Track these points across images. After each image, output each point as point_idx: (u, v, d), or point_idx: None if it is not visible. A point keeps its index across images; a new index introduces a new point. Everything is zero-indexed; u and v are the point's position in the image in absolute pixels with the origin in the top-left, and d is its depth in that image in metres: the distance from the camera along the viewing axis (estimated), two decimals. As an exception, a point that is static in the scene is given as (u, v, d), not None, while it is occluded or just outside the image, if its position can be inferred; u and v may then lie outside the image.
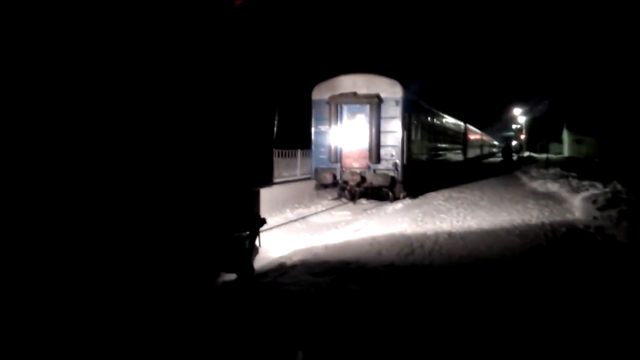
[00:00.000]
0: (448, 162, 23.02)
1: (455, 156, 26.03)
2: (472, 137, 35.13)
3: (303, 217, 12.49)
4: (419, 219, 10.01)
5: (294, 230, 10.75)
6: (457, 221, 9.56)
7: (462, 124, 28.60)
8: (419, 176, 15.98)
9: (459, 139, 27.64)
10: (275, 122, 6.29)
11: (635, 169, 29.32)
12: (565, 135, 59.90)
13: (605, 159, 37.08)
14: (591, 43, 31.88)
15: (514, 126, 71.73)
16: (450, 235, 8.09)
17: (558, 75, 39.39)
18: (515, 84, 50.96)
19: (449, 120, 23.21)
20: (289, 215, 12.98)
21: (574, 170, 22.04)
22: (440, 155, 20.65)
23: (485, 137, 51.49)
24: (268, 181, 6.04)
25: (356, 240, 7.90)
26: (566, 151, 58.09)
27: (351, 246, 7.40)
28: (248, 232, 5.59)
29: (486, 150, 51.99)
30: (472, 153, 35.90)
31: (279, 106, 6.68)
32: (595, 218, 8.65)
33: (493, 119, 68.74)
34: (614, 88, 32.28)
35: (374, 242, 7.63)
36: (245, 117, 5.40)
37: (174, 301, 4.31)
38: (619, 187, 13.56)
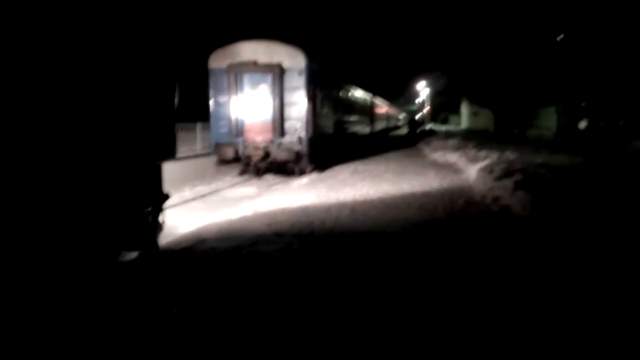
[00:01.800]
0: (355, 135, 23.03)
1: (363, 129, 26.18)
2: (379, 110, 35.71)
3: (202, 195, 11.63)
4: (323, 194, 9.63)
5: (191, 209, 9.91)
6: (361, 195, 9.31)
7: (369, 97, 28.79)
8: (326, 150, 15.65)
9: (366, 111, 27.82)
10: (176, 93, 5.90)
11: (525, 138, 31.70)
12: (464, 108, 63.46)
13: (499, 130, 39.70)
14: (487, 18, 33.40)
15: (418, 99, 74.70)
16: (353, 210, 7.77)
17: (457, 49, 41.08)
18: (419, 58, 52.57)
19: (355, 92, 23.12)
20: (187, 193, 12.03)
21: (471, 140, 23.15)
22: (347, 128, 20.51)
23: (392, 110, 52.90)
24: (170, 155, 5.76)
25: (254, 219, 7.31)
26: (464, 123, 61.67)
27: (249, 226, 6.79)
28: (150, 208, 5.29)
29: (393, 123, 53.51)
30: (379, 126, 36.56)
31: (179, 76, 6.29)
32: (491, 188, 8.81)
33: (399, 92, 70.97)
34: (508, 62, 34.29)
35: (272, 221, 7.08)
36: (144, 87, 5.22)
37: (68, 280, 4.08)
38: (511, 156, 14.25)
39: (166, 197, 5.78)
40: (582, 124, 32.96)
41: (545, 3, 27.73)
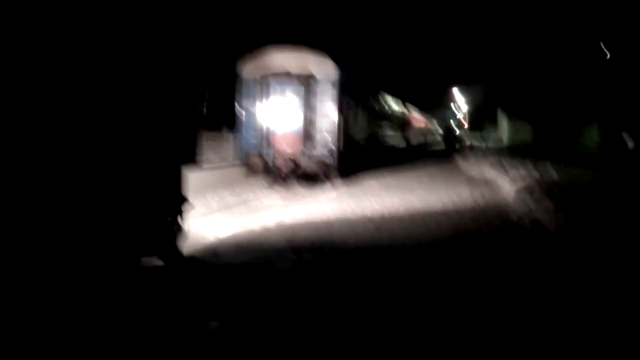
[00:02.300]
0: (389, 149, 22.53)
1: (398, 142, 25.65)
2: (415, 123, 35.03)
3: (228, 206, 11.45)
4: (349, 209, 9.26)
5: (217, 218, 9.73)
6: (389, 213, 8.87)
7: (405, 109, 28.26)
8: (357, 163, 15.28)
9: (401, 124, 27.29)
10: (205, 99, 6.38)
11: (567, 153, 30.33)
12: (504, 122, 61.66)
13: (540, 145, 38.27)
14: (534, 30, 32.39)
15: (456, 113, 73.23)
16: (378, 229, 7.35)
17: (499, 62, 40.04)
18: (459, 70, 51.54)
19: (391, 104, 22.68)
20: (213, 203, 11.88)
21: (511, 157, 22.25)
22: (381, 140, 20.08)
23: (429, 124, 51.94)
24: (195, 162, 5.70)
25: (276, 233, 7.03)
26: (505, 137, 59.89)
27: (269, 239, 6.50)
28: (172, 215, 5.26)
29: (430, 137, 52.54)
30: (416, 139, 35.86)
31: (209, 82, 6.37)
32: (531, 210, 8.20)
33: (437, 104, 69.78)
34: (553, 76, 33.08)
35: (293, 237, 6.76)
36: (170, 94, 5.18)
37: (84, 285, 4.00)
38: (554, 175, 13.47)
39: (188, 203, 5.66)
40: (630, 144, 31.30)
41: (593, 17, 26.56)
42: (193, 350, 3.29)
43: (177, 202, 5.44)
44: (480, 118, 65.24)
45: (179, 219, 5.46)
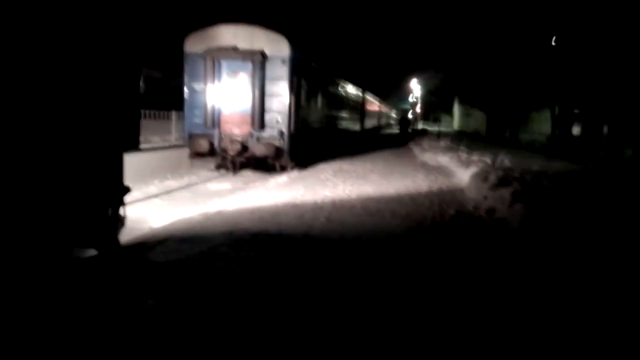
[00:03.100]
0: (343, 132, 22.04)
1: (352, 125, 25.22)
2: (370, 107, 34.76)
3: (169, 191, 10.59)
4: (300, 195, 8.67)
5: (157, 204, 8.94)
6: (341, 200, 8.35)
7: (360, 92, 27.82)
8: (310, 146, 14.66)
9: (356, 107, 26.86)
10: (141, 77, 5.69)
11: (517, 142, 31.02)
12: (456, 108, 62.82)
13: (491, 132, 39.02)
14: (483, 17, 32.64)
15: (410, 98, 73.86)
16: (329, 219, 6.80)
17: (451, 48, 40.32)
18: (413, 55, 51.70)
19: (345, 86, 22.13)
20: (153, 188, 10.98)
21: (463, 142, 22.35)
22: (334, 123, 19.53)
23: (384, 108, 51.99)
24: (133, 146, 5.35)
25: (218, 222, 6.34)
26: (456, 124, 61.05)
27: (210, 229, 5.80)
28: (109, 202, 4.93)
29: (384, 120, 52.61)
30: (370, 123, 35.63)
31: (154, 61, 5.85)
32: (485, 198, 7.91)
33: (392, 90, 70.08)
34: (502, 63, 33.58)
35: (235, 227, 6.10)
36: (102, 73, 4.78)
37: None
38: (506, 161, 13.41)
39: (127, 190, 5.27)
40: (576, 130, 32.39)
41: (542, 3, 26.97)
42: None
43: (114, 189, 5.06)
44: (434, 105, 66.21)
45: (117, 207, 5.10)
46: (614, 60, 23.21)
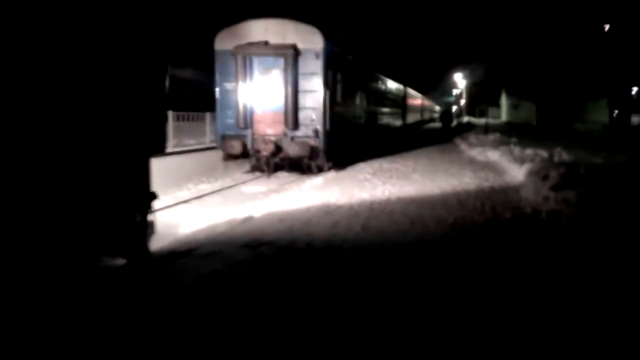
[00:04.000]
0: (383, 128, 21.12)
1: (393, 121, 24.22)
2: (412, 101, 33.54)
3: (199, 196, 10.14)
4: (335, 200, 7.94)
5: (189, 209, 8.53)
6: (380, 204, 7.56)
7: (401, 86, 26.74)
8: (348, 144, 13.89)
9: (398, 102, 25.81)
10: (167, 78, 5.19)
11: (572, 134, 28.99)
12: (504, 100, 60.23)
13: (542, 123, 36.88)
14: (528, 7, 30.82)
15: (454, 91, 71.47)
16: (365, 227, 6.04)
17: (496, 39, 38.49)
18: (456, 48, 49.89)
19: (385, 81, 21.19)
20: (185, 193, 10.58)
21: (513, 135, 20.91)
22: (374, 119, 18.65)
23: (427, 102, 50.40)
24: (159, 150, 5.12)
25: (242, 232, 5.74)
26: (504, 116, 58.48)
27: (233, 240, 5.20)
28: (137, 210, 4.71)
29: (427, 115, 51.02)
30: (412, 118, 34.41)
31: (188, 60, 5.56)
32: (546, 199, 6.90)
33: (435, 83, 68.02)
34: (553, 51, 31.57)
35: (260, 239, 5.46)
36: (125, 75, 4.49)
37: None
38: (564, 156, 12.18)
39: (153, 195, 5.01)
40: (636, 119, 30.01)
41: None
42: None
43: (140, 194, 4.81)
44: (480, 97, 63.77)
45: (145, 214, 4.85)
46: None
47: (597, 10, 26.52)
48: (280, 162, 11.85)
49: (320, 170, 11.94)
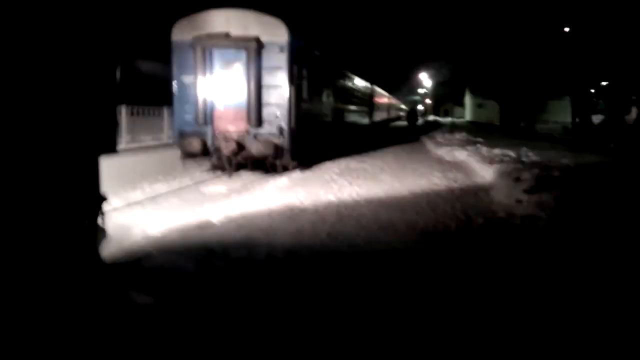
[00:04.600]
0: (350, 126, 20.72)
1: (360, 119, 23.89)
2: (379, 99, 33.40)
3: (154, 197, 9.42)
4: (300, 203, 7.44)
5: (142, 212, 7.79)
6: (347, 207, 7.10)
7: (368, 84, 26.46)
8: (314, 142, 13.39)
9: (365, 100, 25.51)
10: (118, 69, 4.75)
11: (535, 133, 29.47)
12: (468, 99, 61.14)
13: (505, 122, 37.45)
14: (493, 5, 31.16)
15: (420, 90, 72.10)
16: (330, 235, 5.55)
17: (461, 39, 38.85)
18: (422, 48, 50.17)
19: (352, 78, 20.81)
20: (138, 194, 9.83)
21: (479, 134, 20.94)
22: (340, 117, 18.22)
23: (394, 101, 50.54)
24: (109, 148, 4.67)
25: (197, 238, 5.16)
26: (468, 115, 59.38)
27: (186, 246, 4.62)
28: (83, 214, 4.16)
29: (394, 113, 51.16)
30: (379, 116, 34.26)
31: (149, 51, 4.90)
32: (520, 202, 6.60)
33: (401, 82, 68.43)
34: (515, 51, 32.03)
35: (215, 249, 4.89)
36: (67, 65, 3.96)
37: None
38: (531, 155, 12.08)
39: (102, 198, 4.49)
40: (597, 118, 30.77)
41: None
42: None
43: (88, 198, 4.26)
44: (445, 97, 64.60)
45: (93, 218, 4.31)
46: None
47: (559, 10, 26.98)
48: (242, 160, 11.23)
49: (285, 169, 11.39)
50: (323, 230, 5.74)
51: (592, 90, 29.11)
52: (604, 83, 27.77)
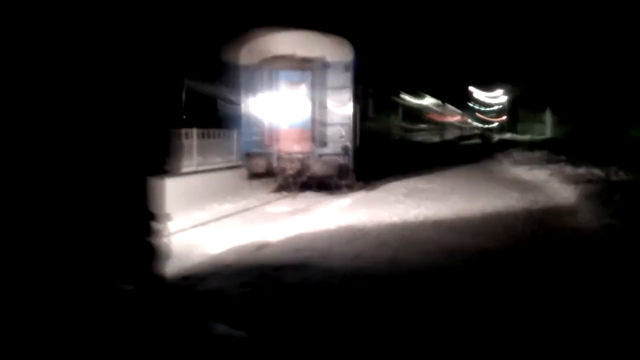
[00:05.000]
0: (420, 145, 20.12)
1: (430, 138, 23.19)
2: (450, 118, 32.42)
3: (219, 218, 9.48)
4: (362, 225, 7.11)
5: (208, 231, 7.84)
6: (412, 231, 6.65)
7: (437, 101, 25.74)
8: (379, 162, 13.03)
9: (434, 119, 24.79)
10: (183, 91, 5.21)
11: (616, 150, 26.95)
12: (548, 116, 57.86)
13: (582, 139, 34.81)
14: (570, 25, 29.35)
15: (493, 108, 69.39)
16: (394, 262, 5.14)
17: (539, 54, 36.92)
18: (495, 63, 48.35)
19: (420, 95, 20.28)
20: (205, 214, 9.95)
21: (560, 152, 19.45)
22: (408, 136, 17.72)
23: (465, 119, 48.93)
24: (169, 169, 4.47)
25: (251, 264, 5.01)
26: (549, 132, 56.06)
27: (240, 272, 4.46)
28: (141, 234, 4.04)
29: (466, 132, 49.48)
30: (451, 134, 33.20)
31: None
32: (609, 227, 5.81)
33: (472, 100, 66.28)
34: (596, 69, 29.82)
35: (270, 274, 4.70)
36: (134, 88, 3.85)
37: None
38: (621, 173, 10.89)
39: (158, 219, 4.34)
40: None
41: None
42: None
43: (146, 218, 4.11)
44: (519, 113, 61.67)
45: (150, 237, 4.11)
46: None
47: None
48: (307, 181, 11.11)
49: (349, 189, 11.12)
50: (384, 256, 5.35)
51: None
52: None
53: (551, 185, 10.93)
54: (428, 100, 22.16)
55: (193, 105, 14.26)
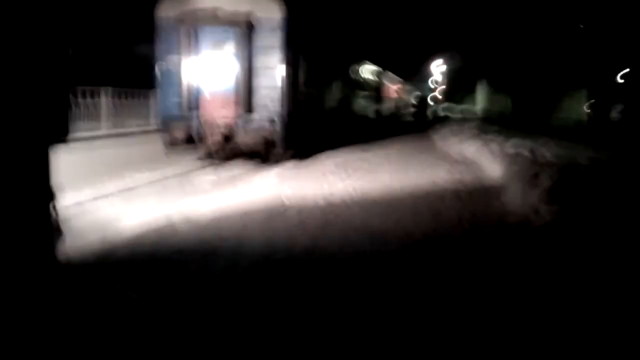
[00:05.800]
0: (355, 115, 19.69)
1: (367, 108, 22.83)
2: (388, 87, 32.19)
3: (127, 189, 8.57)
4: (287, 196, 6.58)
5: (111, 204, 6.91)
6: (336, 209, 6.17)
7: (376, 72, 25.30)
8: (312, 130, 12.45)
9: (373, 88, 24.40)
10: (69, 48, 4.06)
11: (548, 126, 28.20)
12: (480, 89, 59.61)
13: (518, 115, 36.16)
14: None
15: (431, 80, 70.38)
16: (309, 250, 4.62)
17: (475, 26, 37.49)
18: (435, 34, 48.62)
19: (358, 65, 19.72)
20: (116, 183, 8.96)
21: (490, 127, 19.81)
22: (344, 104, 17.21)
23: (405, 88, 49.16)
24: (62, 135, 4.02)
25: (151, 246, 4.32)
26: (480, 105, 57.90)
27: (137, 254, 3.76)
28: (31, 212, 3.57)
29: (404, 102, 49.85)
30: (387, 106, 33.11)
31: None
32: (537, 212, 5.62)
33: (412, 72, 66.74)
34: (530, 42, 30.73)
35: (171, 255, 4.04)
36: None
37: None
38: (547, 153, 11.03)
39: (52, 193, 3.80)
40: (615, 114, 29.46)
41: None
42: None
43: (39, 192, 3.62)
44: (456, 89, 63.04)
45: (41, 217, 3.64)
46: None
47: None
48: (233, 149, 10.30)
49: (277, 160, 10.47)
50: (301, 239, 4.81)
51: (618, 79, 27.68)
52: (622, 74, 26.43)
53: (478, 162, 10.90)
54: (367, 67, 21.65)
55: (115, 64, 12.86)
